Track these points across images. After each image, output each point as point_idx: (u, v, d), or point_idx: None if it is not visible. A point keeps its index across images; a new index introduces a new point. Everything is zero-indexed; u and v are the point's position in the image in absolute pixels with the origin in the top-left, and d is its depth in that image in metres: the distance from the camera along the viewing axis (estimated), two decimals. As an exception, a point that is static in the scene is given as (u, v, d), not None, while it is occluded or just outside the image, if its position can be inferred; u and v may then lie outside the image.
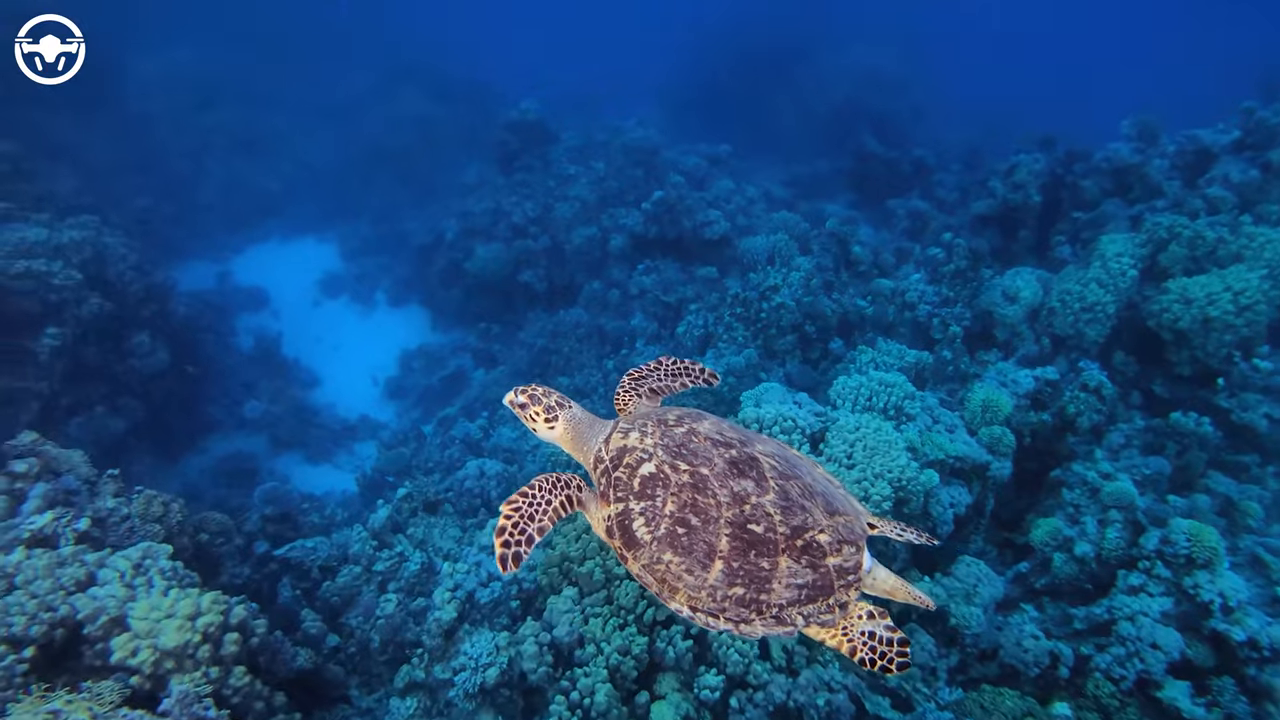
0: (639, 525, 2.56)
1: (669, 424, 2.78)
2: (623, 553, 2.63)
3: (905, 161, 15.74)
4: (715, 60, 22.91)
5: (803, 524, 2.54)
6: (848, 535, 2.60)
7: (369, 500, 10.60)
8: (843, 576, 2.54)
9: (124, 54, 19.59)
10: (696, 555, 2.48)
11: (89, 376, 11.06)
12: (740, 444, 2.72)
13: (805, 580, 2.48)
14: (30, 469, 5.77)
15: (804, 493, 2.63)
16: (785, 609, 2.47)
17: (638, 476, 2.62)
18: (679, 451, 2.65)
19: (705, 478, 2.58)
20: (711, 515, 2.51)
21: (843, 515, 2.66)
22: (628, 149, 14.58)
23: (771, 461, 2.69)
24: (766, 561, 2.47)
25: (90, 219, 12.01)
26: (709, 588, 2.46)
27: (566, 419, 2.95)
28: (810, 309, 10.63)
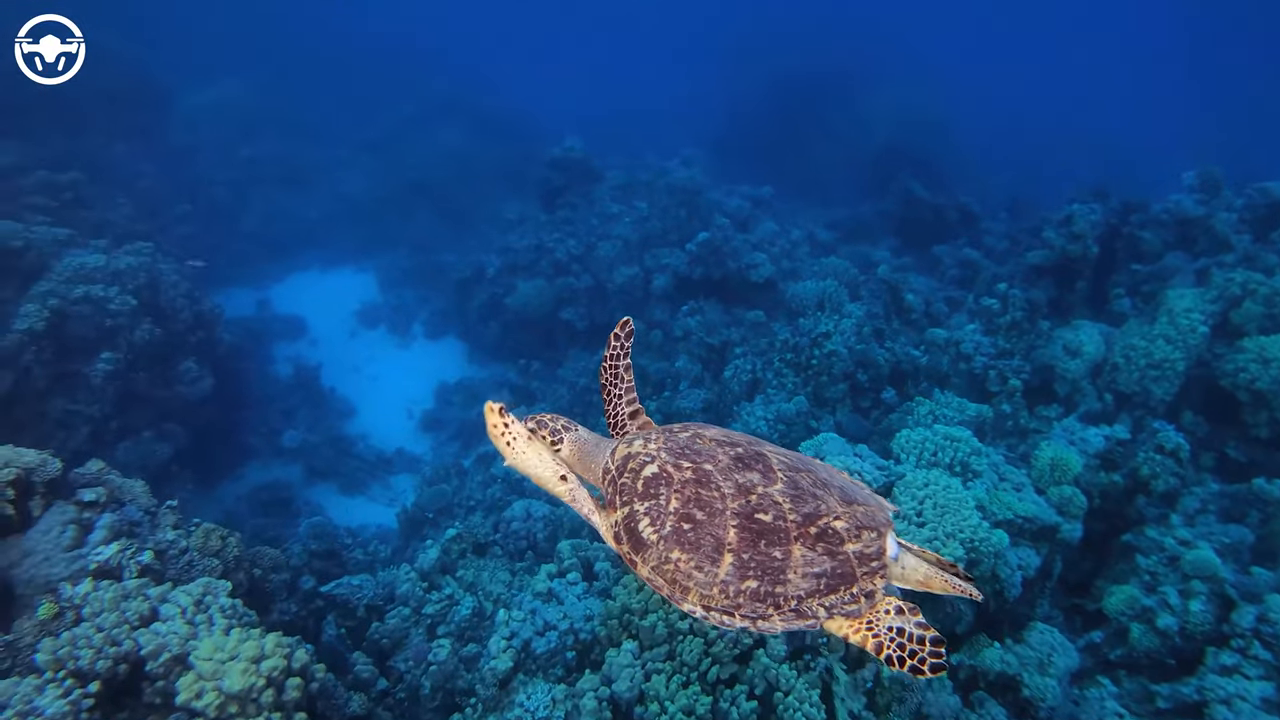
0: (644, 526, 2.46)
1: (674, 431, 2.74)
2: (631, 557, 2.53)
3: (951, 208, 15.69)
4: (755, 101, 23.18)
5: (815, 510, 2.41)
6: (867, 522, 2.45)
7: (409, 536, 10.47)
8: (865, 564, 2.38)
9: (174, 86, 20.22)
10: (704, 550, 2.36)
11: (138, 401, 11.10)
12: (748, 444, 2.64)
13: (823, 569, 2.34)
14: (98, 498, 5.71)
15: (816, 483, 2.52)
16: (805, 600, 2.33)
17: (641, 479, 2.54)
18: (682, 452, 2.57)
19: (709, 473, 2.48)
20: (717, 508, 2.41)
21: (861, 505, 2.52)
22: (672, 189, 14.63)
23: (781, 458, 2.60)
24: (779, 551, 2.35)
25: (145, 245, 12.18)
26: (720, 584, 2.34)
27: (571, 440, 2.87)
28: (862, 357, 10.48)
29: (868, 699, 6.01)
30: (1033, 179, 19.46)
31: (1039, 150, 22.52)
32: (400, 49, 26.52)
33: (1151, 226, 11.35)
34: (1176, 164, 14.18)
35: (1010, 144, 23.05)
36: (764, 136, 21.46)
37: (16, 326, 10.05)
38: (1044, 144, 23.31)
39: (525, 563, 8.00)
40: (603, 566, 7.50)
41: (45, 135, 15.34)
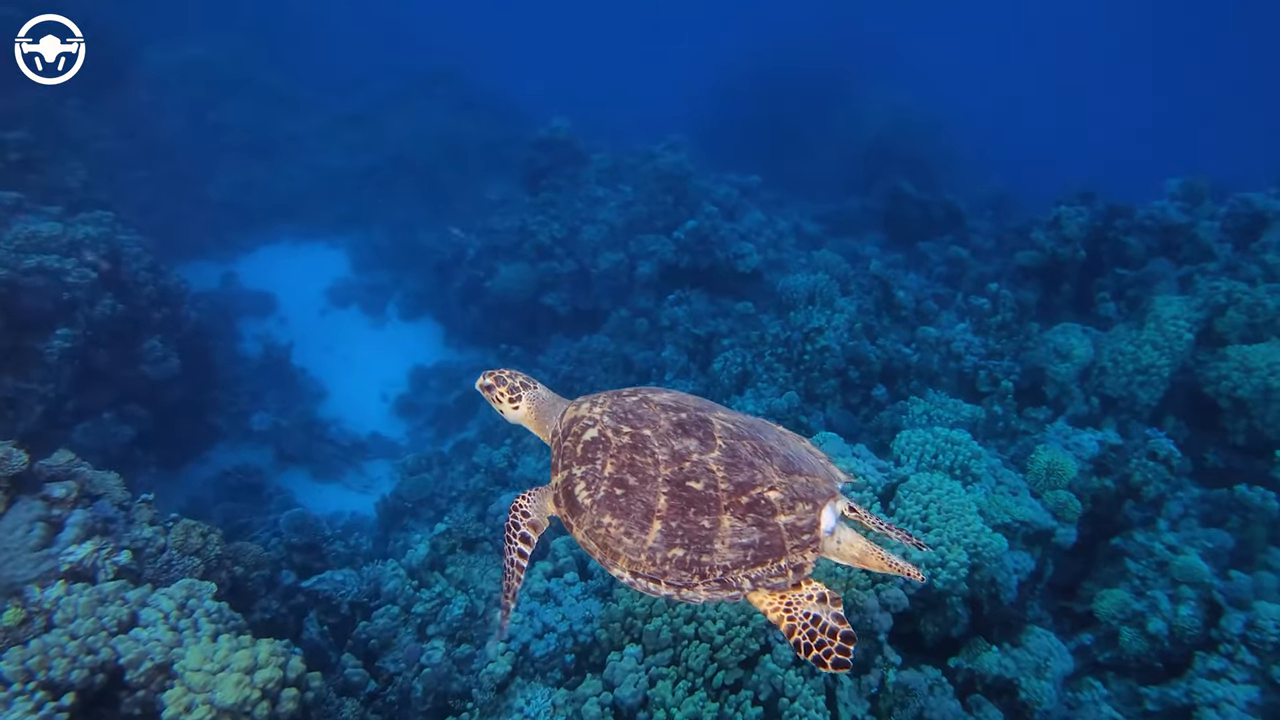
0: (580, 490, 2.48)
1: (623, 395, 2.71)
2: (567, 520, 2.55)
3: (938, 206, 15.71)
4: (745, 90, 22.90)
5: (749, 480, 2.37)
6: (803, 493, 2.39)
7: (389, 526, 10.15)
8: (796, 536, 2.32)
9: (137, 43, 19.08)
10: (634, 516, 2.36)
11: (98, 381, 10.51)
12: (694, 410, 2.60)
13: (751, 539, 2.30)
14: (69, 494, 5.30)
15: (757, 451, 2.46)
16: (730, 571, 2.29)
17: (581, 443, 2.55)
18: (624, 416, 2.56)
19: (646, 438, 2.47)
20: (649, 474, 2.39)
21: (803, 476, 2.46)
22: (659, 174, 14.36)
23: (728, 425, 2.54)
24: (707, 520, 2.31)
25: (105, 214, 11.48)
26: (648, 550, 2.33)
27: (530, 399, 2.96)
28: (854, 353, 10.43)
29: (871, 704, 5.98)
30: (1018, 179, 19.61)
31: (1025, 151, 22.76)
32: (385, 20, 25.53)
33: (1136, 232, 11.49)
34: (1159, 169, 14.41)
35: (997, 144, 23.24)
36: (752, 126, 21.22)
37: (-38, 299, 9.39)
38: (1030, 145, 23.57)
39: (516, 559, 7.77)
40: (596, 564, 7.33)
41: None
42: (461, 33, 26.21)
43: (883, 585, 6.04)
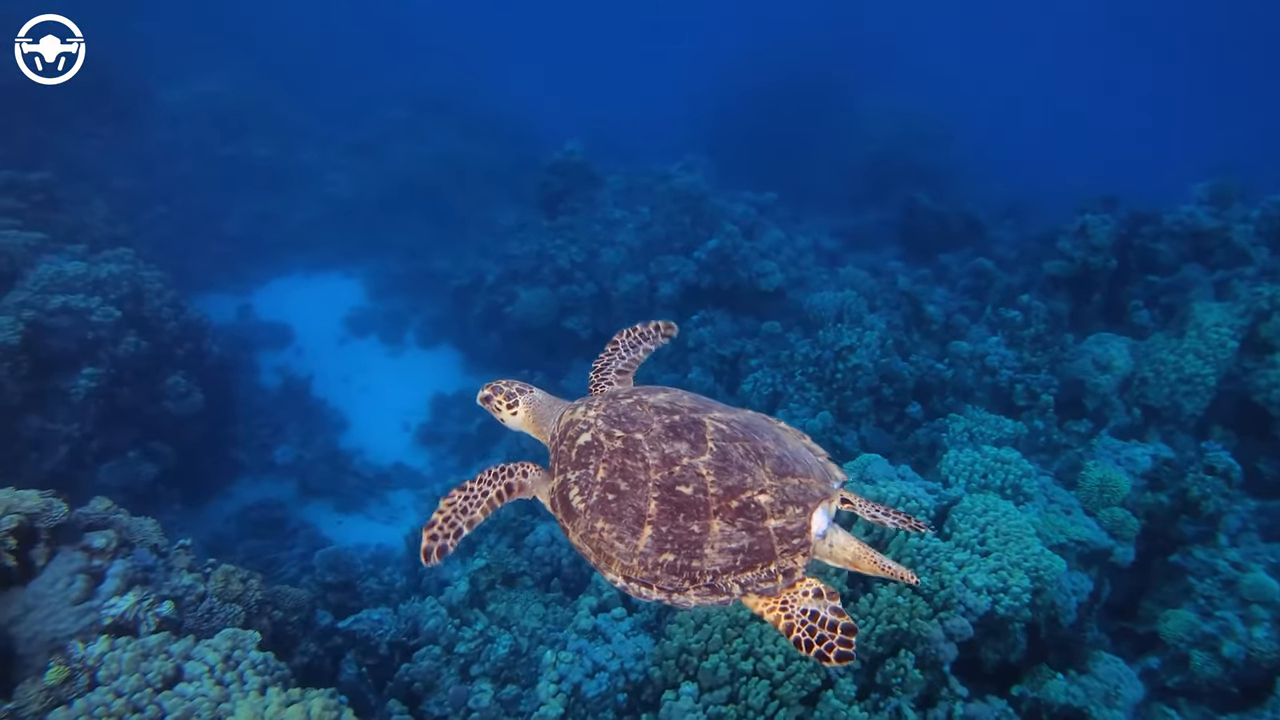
0: (574, 495, 2.49)
1: (618, 397, 2.70)
2: (564, 524, 2.57)
3: (955, 216, 15.59)
4: (749, 106, 22.89)
5: (739, 484, 2.35)
6: (795, 497, 2.36)
7: (418, 560, 9.95)
8: (785, 540, 2.31)
9: (152, 82, 19.26)
10: (626, 521, 2.36)
11: (122, 419, 10.41)
12: (689, 411, 2.56)
13: (740, 544, 2.29)
14: (108, 544, 5.15)
15: (749, 454, 2.43)
16: (720, 576, 2.29)
17: (575, 447, 2.56)
18: (617, 420, 2.54)
19: (638, 442, 2.46)
20: (640, 479, 2.39)
21: (796, 478, 2.42)
22: (675, 195, 14.27)
23: (721, 426, 2.51)
24: (697, 525, 2.30)
25: (126, 251, 11.46)
26: (639, 555, 2.33)
27: (526, 403, 3.01)
28: (887, 371, 10.25)
29: (939, 739, 5.75)
30: (1028, 184, 19.50)
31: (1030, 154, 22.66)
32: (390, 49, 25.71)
33: (1165, 238, 11.33)
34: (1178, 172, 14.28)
35: (1002, 148, 23.12)
36: (756, 138, 21.18)
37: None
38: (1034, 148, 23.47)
39: (555, 593, 7.58)
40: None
41: (10, 131, 14.40)
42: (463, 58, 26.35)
43: (946, 614, 5.83)
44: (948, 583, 5.97)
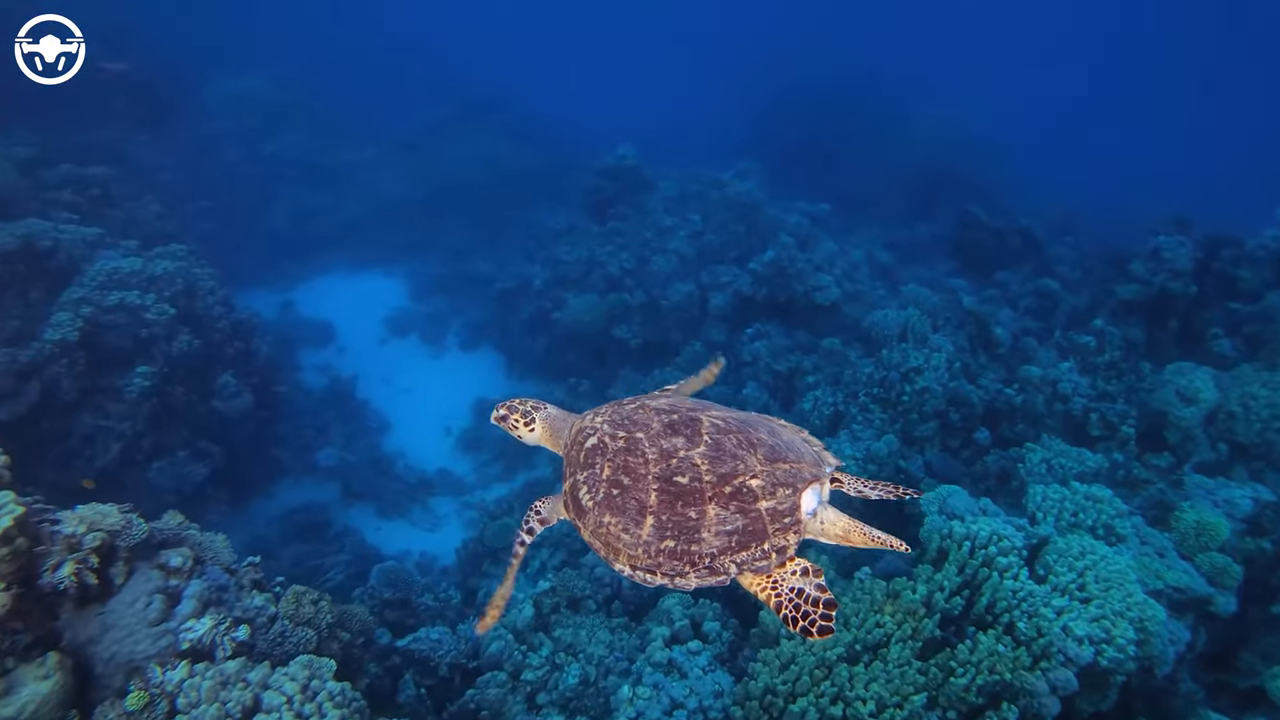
0: (584, 494, 2.63)
1: (623, 403, 2.82)
2: (576, 522, 2.70)
3: (1013, 232, 15.15)
4: (796, 114, 22.49)
5: (731, 471, 2.47)
6: (785, 479, 2.48)
7: (468, 572, 9.76)
8: (777, 520, 2.43)
9: (197, 77, 19.28)
10: (630, 513, 2.49)
11: (173, 418, 10.32)
12: (686, 410, 2.68)
13: (735, 526, 2.41)
14: (184, 563, 4.97)
15: (742, 444, 2.55)
16: (717, 558, 2.41)
17: (583, 451, 2.69)
18: (620, 422, 2.68)
19: (638, 440, 2.59)
20: (640, 473, 2.52)
21: (787, 463, 2.53)
22: (729, 203, 13.99)
23: (716, 422, 2.63)
24: (694, 511, 2.43)
25: (179, 248, 11.37)
26: (643, 544, 2.46)
27: (543, 419, 3.08)
28: (955, 394, 9.90)
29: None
30: (1082, 201, 18.98)
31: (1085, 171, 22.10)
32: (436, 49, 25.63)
33: (1247, 264, 10.87)
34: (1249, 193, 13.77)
35: (1053, 162, 22.58)
36: (808, 150, 20.75)
37: (47, 336, 9.24)
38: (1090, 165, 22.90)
39: (619, 619, 7.33)
40: (711, 626, 6.87)
41: (66, 124, 14.42)
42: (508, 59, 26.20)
43: (1046, 664, 5.51)
44: (1046, 630, 5.65)
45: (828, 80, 23.30)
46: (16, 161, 10.82)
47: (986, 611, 5.85)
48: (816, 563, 2.54)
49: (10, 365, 9.22)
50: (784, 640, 5.78)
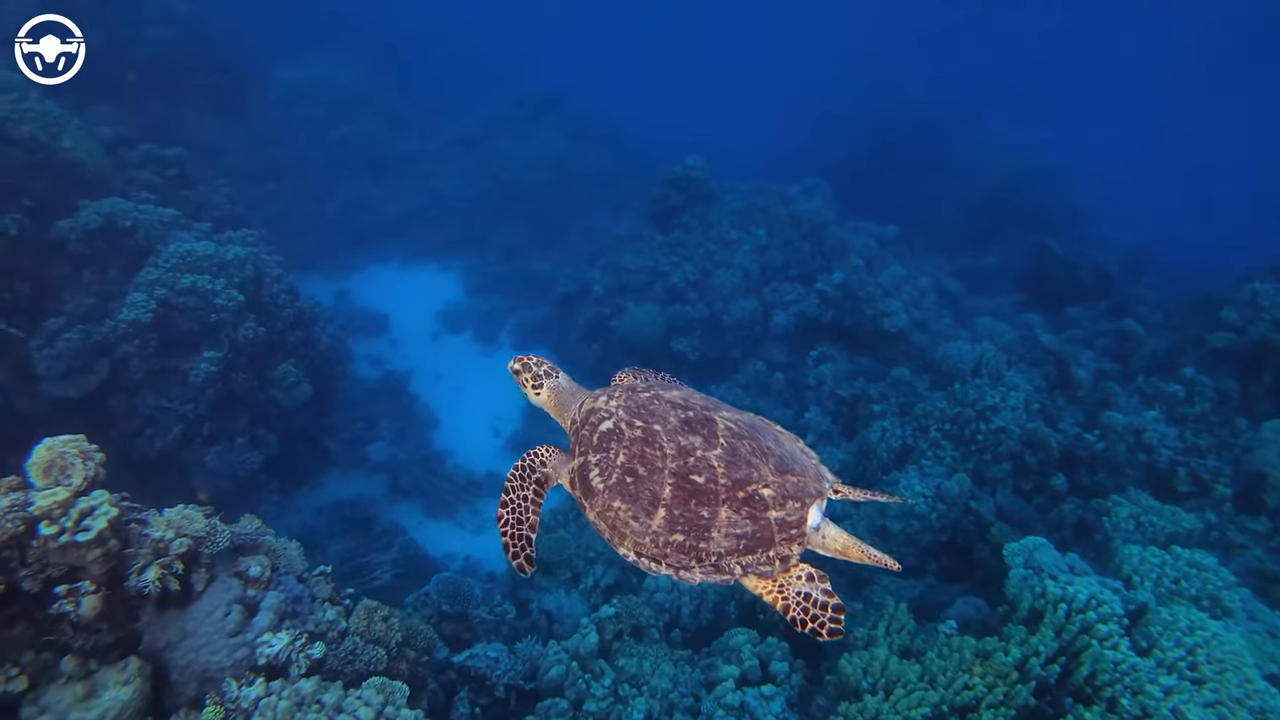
0: (594, 476, 2.67)
1: (637, 390, 2.88)
2: (581, 502, 2.75)
3: (1086, 267, 14.59)
4: (864, 130, 22.03)
5: (746, 477, 2.56)
6: (795, 492, 2.59)
7: (520, 583, 9.59)
8: (784, 530, 2.53)
9: (268, 61, 19.45)
10: (642, 503, 2.56)
11: (234, 404, 10.33)
12: (701, 409, 2.76)
13: (744, 531, 2.51)
14: (263, 573, 4.85)
15: (755, 451, 2.63)
16: (724, 558, 2.50)
17: (597, 433, 2.73)
18: (638, 411, 2.73)
19: (656, 433, 2.65)
20: (657, 466, 2.58)
21: (795, 476, 2.63)
22: (796, 220, 13.68)
23: (730, 425, 2.70)
24: (707, 510, 2.52)
25: (250, 233, 11.42)
26: (652, 534, 2.52)
27: (551, 387, 3.15)
28: (1031, 436, 9.50)
29: None
30: (1153, 236, 18.28)
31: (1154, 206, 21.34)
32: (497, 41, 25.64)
33: (1352, 318, 10.26)
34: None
35: (1125, 196, 21.84)
36: (872, 169, 20.29)
37: (122, 316, 9.29)
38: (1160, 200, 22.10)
39: (682, 650, 7.09)
40: (780, 667, 6.60)
41: (142, 101, 14.62)
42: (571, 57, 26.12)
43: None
44: (1153, 711, 5.28)
45: (894, 102, 22.79)
46: (102, 141, 10.92)
47: (1086, 683, 5.50)
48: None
49: (85, 342, 9.29)
50: (867, 697, 5.49)
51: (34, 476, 4.16)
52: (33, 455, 4.20)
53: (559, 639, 7.80)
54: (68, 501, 4.06)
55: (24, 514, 3.99)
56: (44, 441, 4.24)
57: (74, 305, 9.73)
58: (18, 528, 3.99)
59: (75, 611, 4.03)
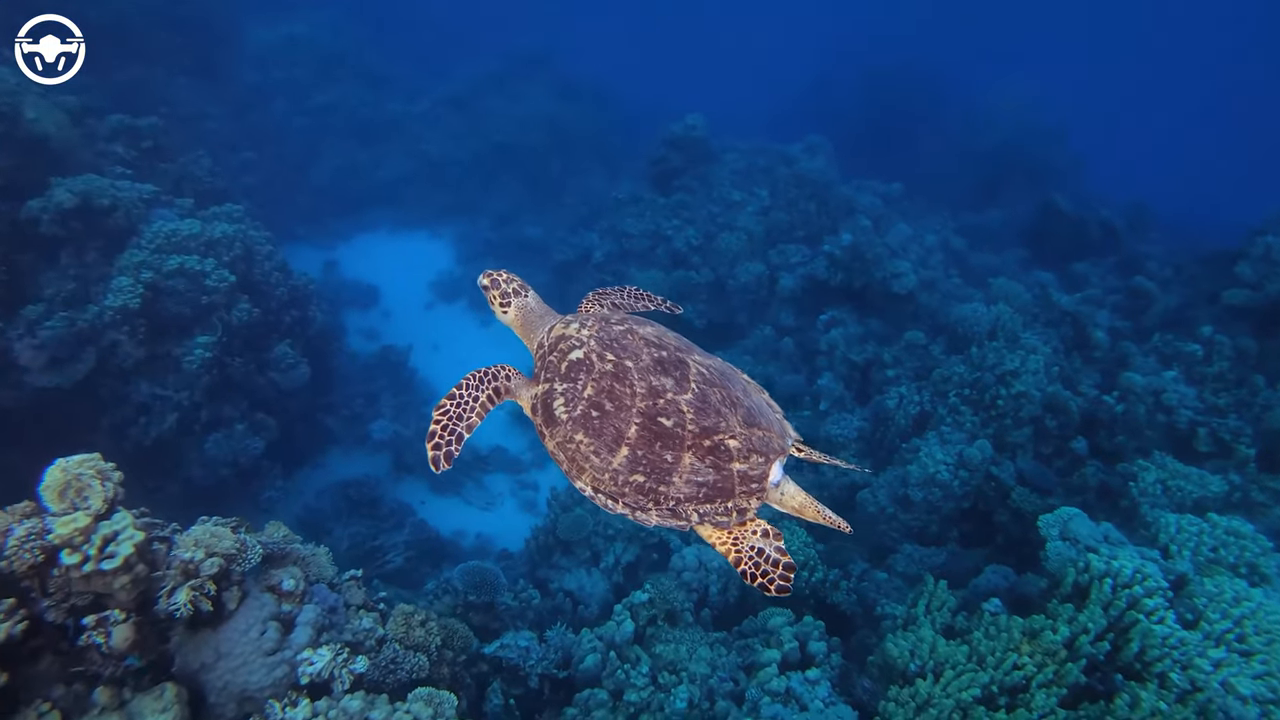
0: (559, 405, 2.62)
1: (611, 322, 2.79)
2: (541, 430, 2.70)
3: (1093, 222, 14.39)
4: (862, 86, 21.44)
5: (714, 426, 2.53)
6: (760, 446, 2.58)
7: (536, 563, 9.45)
8: (746, 483, 2.53)
9: (242, 20, 18.40)
10: (605, 439, 2.52)
11: (231, 389, 9.93)
12: (675, 349, 2.71)
13: (706, 479, 2.50)
14: (297, 586, 4.59)
15: (725, 401, 2.60)
16: (682, 504, 2.49)
17: (566, 361, 2.67)
18: (610, 344, 2.66)
19: (628, 369, 2.59)
20: (625, 403, 2.53)
21: (761, 430, 2.62)
22: (800, 179, 13.28)
23: (703, 370, 2.67)
24: (670, 455, 2.49)
25: (235, 209, 10.84)
26: (612, 471, 2.49)
27: (519, 306, 3.09)
28: (1052, 400, 9.40)
29: None
30: (1157, 191, 18.08)
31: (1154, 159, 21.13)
32: None
33: (1367, 271, 10.19)
34: None
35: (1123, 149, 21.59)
36: (873, 126, 19.79)
37: (108, 302, 8.81)
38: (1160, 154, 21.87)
39: (717, 633, 6.99)
40: (818, 647, 6.53)
41: (106, 62, 13.69)
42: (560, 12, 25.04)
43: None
44: (1203, 685, 5.25)
45: (893, 59, 22.11)
46: (69, 111, 10.21)
47: (1136, 659, 5.45)
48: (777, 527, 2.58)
49: (69, 329, 8.82)
50: (918, 681, 5.41)
51: (49, 500, 3.85)
52: (45, 478, 3.88)
53: (585, 622, 7.70)
54: (89, 528, 3.76)
55: (43, 543, 3.70)
56: (56, 462, 3.92)
57: (53, 291, 9.21)
58: (37, 558, 3.70)
59: (107, 643, 3.77)
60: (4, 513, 3.81)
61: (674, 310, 3.58)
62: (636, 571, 9.08)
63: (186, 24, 15.45)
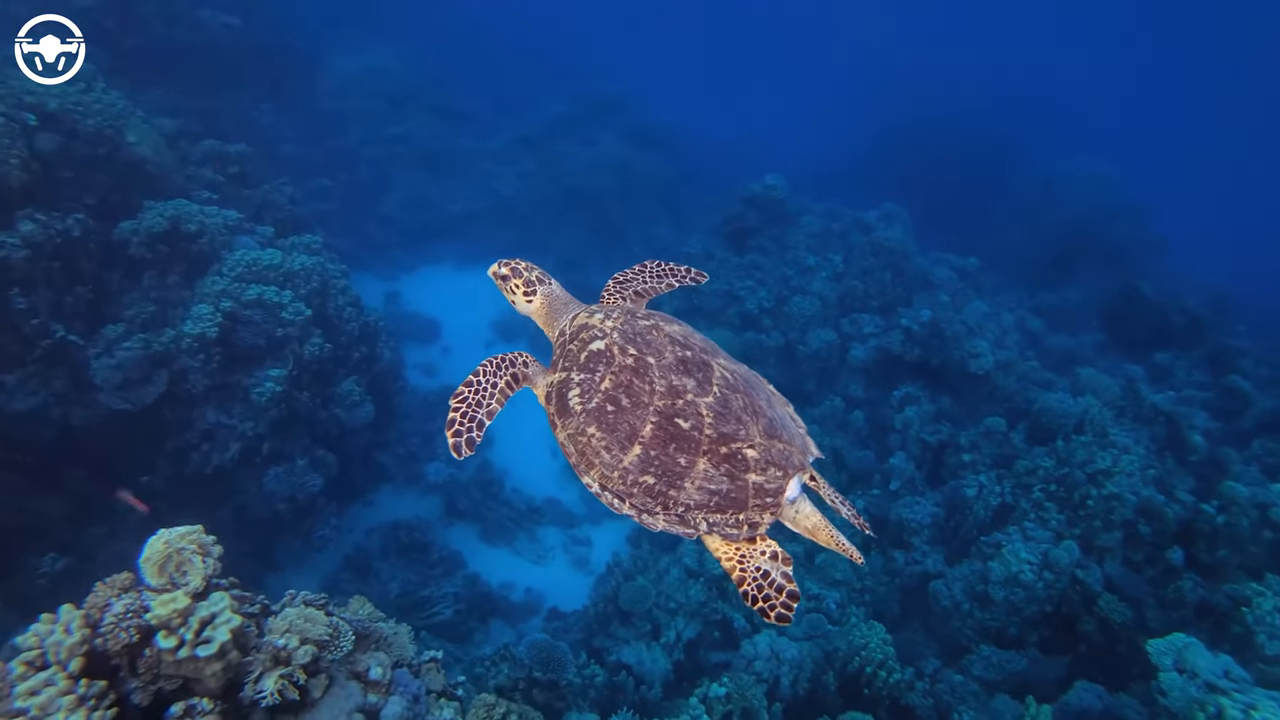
0: (574, 395, 2.54)
1: (637, 315, 2.70)
2: (553, 419, 2.64)
3: (1176, 312, 13.84)
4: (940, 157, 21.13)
5: (733, 433, 2.41)
6: (779, 459, 2.44)
7: (593, 631, 9.07)
8: (760, 496, 2.39)
9: (325, 49, 18.88)
10: (618, 435, 2.43)
11: (296, 424, 9.83)
12: (700, 350, 2.62)
13: (719, 488, 2.38)
14: (384, 675, 4.32)
15: (747, 408, 2.49)
16: (691, 510, 2.38)
17: (586, 350, 2.60)
18: (634, 338, 2.58)
19: (649, 365, 2.50)
20: (642, 400, 2.44)
21: (782, 442, 2.49)
22: (876, 248, 13.02)
23: (727, 375, 2.57)
24: (684, 458, 2.38)
25: (314, 240, 10.91)
26: (622, 469, 2.41)
27: (544, 294, 3.05)
28: (1146, 505, 8.86)
29: None
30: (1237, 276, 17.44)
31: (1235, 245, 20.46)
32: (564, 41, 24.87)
33: None
34: None
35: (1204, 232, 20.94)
36: (947, 196, 19.44)
37: (186, 329, 8.79)
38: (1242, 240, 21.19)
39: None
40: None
41: (195, 87, 14.06)
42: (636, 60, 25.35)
43: None
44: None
45: (973, 129, 21.83)
46: (164, 135, 10.41)
47: (1279, 832, 4.91)
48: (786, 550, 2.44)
49: (144, 352, 8.83)
50: None
51: (148, 574, 3.65)
52: (146, 550, 3.68)
53: (649, 705, 7.30)
54: (188, 609, 3.53)
55: (139, 622, 3.48)
56: (159, 533, 3.73)
57: (134, 312, 9.26)
58: (132, 638, 3.49)
59: (192, 735, 3.51)
60: (104, 585, 3.62)
61: (699, 280, 3.50)
62: (697, 650, 8.66)
63: (274, 52, 15.84)
